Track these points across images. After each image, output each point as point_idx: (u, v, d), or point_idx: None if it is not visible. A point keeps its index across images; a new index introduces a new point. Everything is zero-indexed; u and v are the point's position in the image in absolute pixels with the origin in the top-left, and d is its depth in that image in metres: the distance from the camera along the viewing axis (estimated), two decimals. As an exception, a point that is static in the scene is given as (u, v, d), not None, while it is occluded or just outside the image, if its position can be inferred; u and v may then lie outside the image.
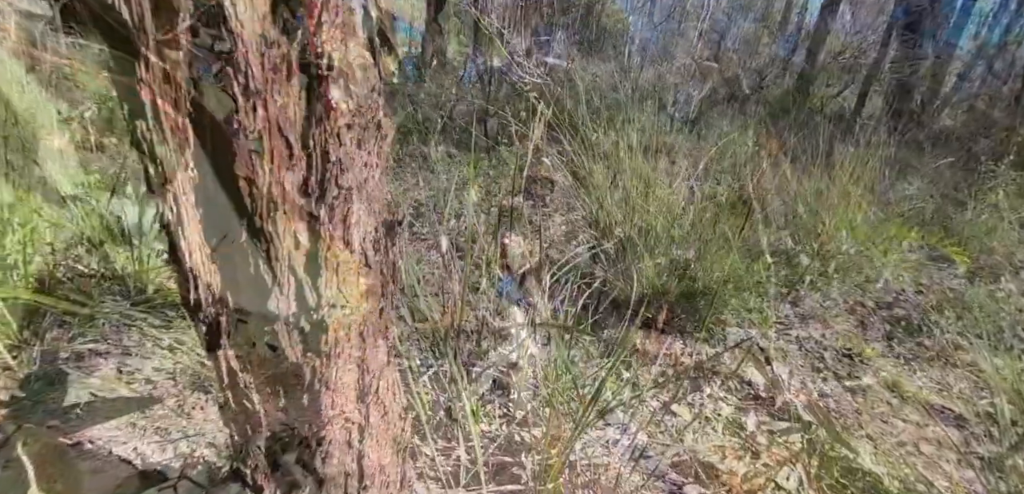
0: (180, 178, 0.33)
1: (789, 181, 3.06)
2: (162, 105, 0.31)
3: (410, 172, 3.00)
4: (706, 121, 5.35)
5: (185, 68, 0.30)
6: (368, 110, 0.36)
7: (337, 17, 0.31)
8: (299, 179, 0.35)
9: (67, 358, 1.40)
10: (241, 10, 0.28)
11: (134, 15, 0.27)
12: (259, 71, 0.30)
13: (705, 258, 1.67)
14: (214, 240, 0.37)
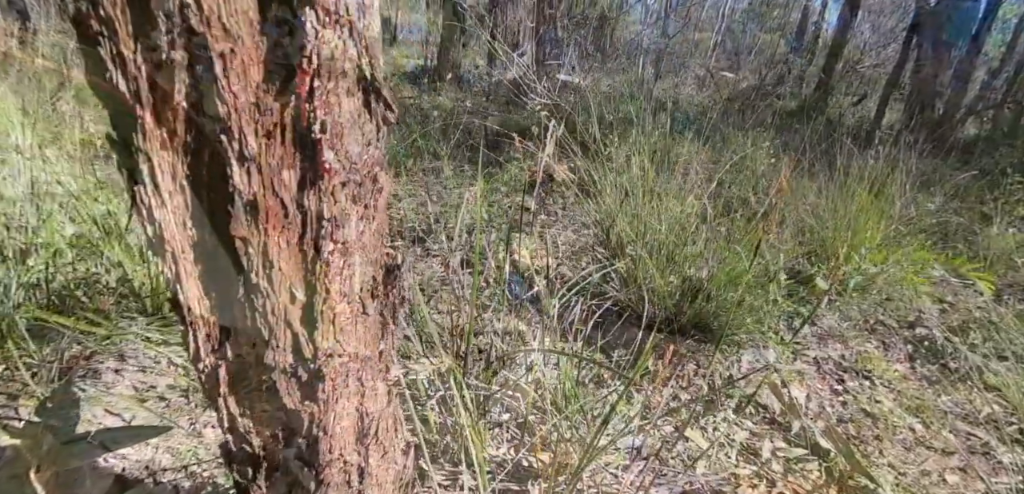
0: (179, 238, 0.34)
1: (806, 195, 3.01)
2: (160, 161, 0.31)
3: (422, 186, 3.02)
4: (721, 133, 5.30)
5: (183, 126, 0.30)
6: (364, 166, 0.36)
7: (329, 81, 0.31)
8: (294, 237, 0.35)
9: (84, 375, 1.44)
10: (234, 81, 0.28)
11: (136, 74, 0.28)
12: (253, 138, 0.30)
13: (718, 278, 1.64)
14: (213, 294, 0.37)
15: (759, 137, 4.99)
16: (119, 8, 0.26)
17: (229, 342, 0.40)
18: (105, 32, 0.26)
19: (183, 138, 0.30)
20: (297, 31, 0.30)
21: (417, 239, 2.41)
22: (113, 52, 0.27)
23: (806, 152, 3.93)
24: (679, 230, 1.86)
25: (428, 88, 6.50)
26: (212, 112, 0.29)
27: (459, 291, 1.47)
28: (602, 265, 1.80)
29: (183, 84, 0.28)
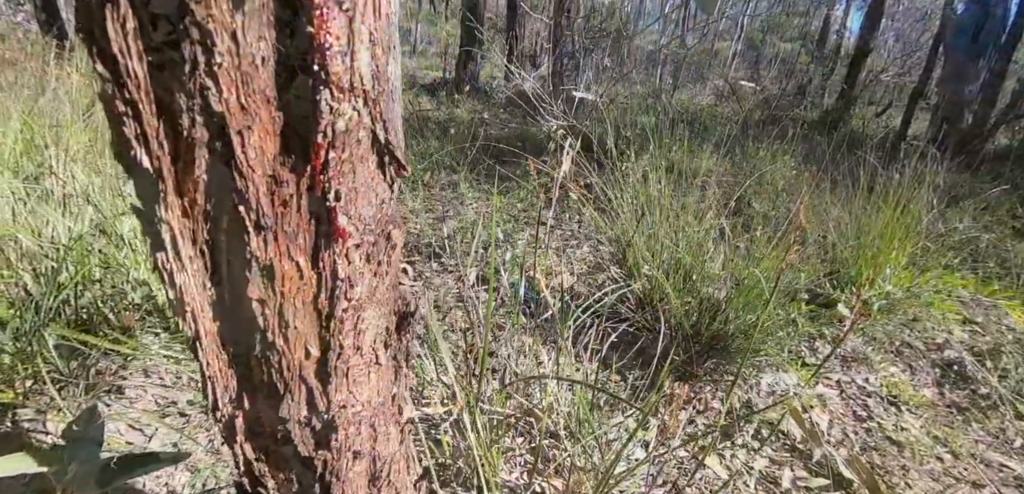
0: (198, 298, 0.34)
1: (829, 210, 2.94)
2: (181, 228, 0.32)
3: (440, 202, 3.04)
4: (740, 145, 5.22)
5: (203, 196, 0.31)
6: (377, 225, 0.37)
7: (344, 151, 0.31)
8: (309, 297, 0.36)
9: (109, 390, 1.47)
10: (252, 156, 0.29)
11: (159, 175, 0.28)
12: (269, 208, 0.31)
13: (737, 300, 1.61)
14: (230, 350, 0.38)
15: (780, 150, 4.90)
16: (143, 90, 0.27)
17: (245, 394, 0.40)
18: (130, 113, 0.27)
19: (203, 207, 0.31)
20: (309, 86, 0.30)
21: (433, 255, 2.42)
22: (137, 131, 0.28)
23: (828, 165, 3.85)
24: (697, 249, 1.84)
25: (446, 100, 6.57)
26: (230, 185, 0.30)
27: (474, 313, 1.47)
28: (618, 285, 1.78)
29: (203, 159, 0.29)
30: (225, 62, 0.26)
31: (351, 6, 0.28)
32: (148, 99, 0.27)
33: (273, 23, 0.27)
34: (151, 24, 0.26)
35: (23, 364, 1.34)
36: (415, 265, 2.37)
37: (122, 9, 0.25)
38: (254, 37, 0.27)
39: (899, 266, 2.01)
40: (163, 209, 0.30)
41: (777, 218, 3.11)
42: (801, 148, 5.17)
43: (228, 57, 0.26)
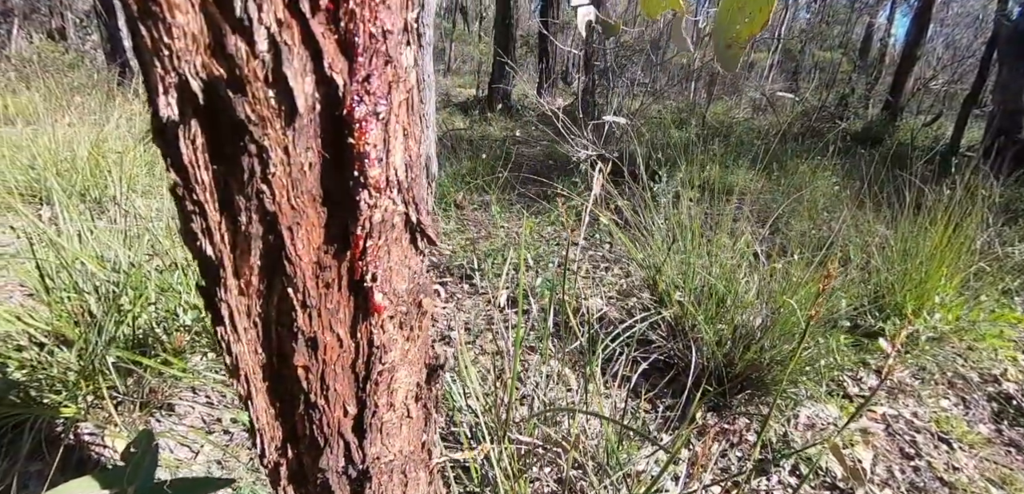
0: (250, 362, 0.38)
1: (873, 229, 2.83)
2: (237, 305, 0.36)
3: (472, 223, 3.10)
4: (778, 160, 5.06)
5: (257, 279, 0.35)
6: (410, 296, 0.40)
7: (380, 238, 0.35)
8: (347, 363, 0.39)
9: (160, 408, 1.57)
10: (300, 247, 0.32)
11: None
12: (314, 289, 0.34)
13: (773, 330, 1.58)
14: (277, 405, 0.42)
15: (820, 165, 4.74)
16: (208, 193, 0.31)
17: (289, 445, 0.44)
18: (197, 211, 0.31)
19: (257, 287, 0.35)
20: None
21: (466, 276, 2.47)
22: (203, 226, 0.32)
23: (872, 181, 3.70)
24: (730, 275, 1.81)
25: (478, 118, 6.68)
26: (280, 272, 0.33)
27: (504, 341, 1.49)
28: (648, 312, 1.77)
29: (258, 249, 0.33)
30: (278, 171, 0.30)
31: (387, 113, 0.31)
32: (213, 200, 0.31)
33: (319, 133, 0.31)
34: (216, 141, 0.30)
35: (85, 381, 1.44)
36: (447, 286, 2.41)
37: (193, 130, 0.29)
38: (303, 148, 0.30)
39: (949, 294, 1.91)
40: (223, 290, 0.34)
41: (817, 239, 3.01)
42: (843, 162, 4.97)
43: (281, 167, 0.30)
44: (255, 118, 0.28)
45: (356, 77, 0.29)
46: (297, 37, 0.27)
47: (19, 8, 9.03)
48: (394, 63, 0.31)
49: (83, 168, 3.02)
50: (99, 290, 1.59)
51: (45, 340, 1.49)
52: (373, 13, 0.28)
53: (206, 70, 0.27)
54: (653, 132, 5.33)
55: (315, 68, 0.28)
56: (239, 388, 0.39)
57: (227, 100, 0.27)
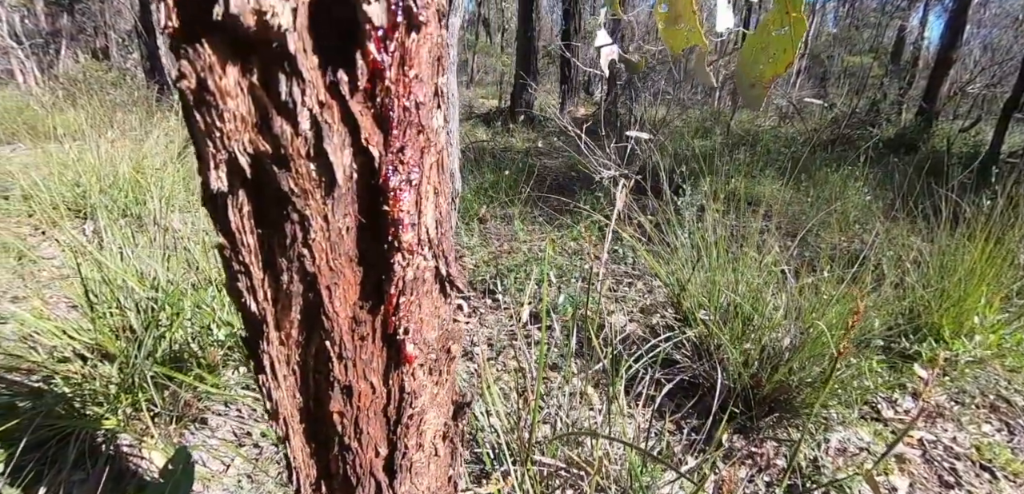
0: (289, 406, 0.40)
1: (908, 242, 2.74)
2: (278, 355, 0.38)
3: (495, 237, 3.12)
4: (807, 169, 4.93)
5: (297, 331, 0.37)
6: (439, 343, 0.41)
7: (412, 294, 0.36)
8: (379, 408, 0.41)
9: (194, 420, 1.62)
10: (337, 305, 0.34)
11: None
12: (350, 342, 0.36)
13: (802, 351, 1.54)
14: (313, 445, 0.44)
15: (851, 173, 4.61)
16: (253, 256, 0.33)
17: (324, 482, 0.46)
18: (243, 271, 0.33)
19: (296, 338, 0.37)
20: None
21: (488, 290, 2.48)
22: (248, 285, 0.34)
23: (907, 191, 3.58)
24: (756, 293, 1.77)
25: (501, 130, 6.73)
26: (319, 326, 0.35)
27: (525, 360, 1.49)
28: (672, 331, 1.75)
29: (298, 305, 0.35)
30: (318, 237, 0.32)
31: (419, 178, 0.33)
32: (257, 261, 0.33)
33: (355, 200, 0.32)
34: (261, 207, 0.32)
35: (125, 394, 1.50)
36: (470, 301, 2.44)
37: (240, 199, 0.31)
38: (341, 214, 0.32)
39: (990, 315, 1.83)
40: (265, 343, 0.36)
41: (848, 253, 2.92)
42: (875, 171, 4.81)
43: (320, 233, 0.31)
44: (298, 190, 0.29)
45: (391, 148, 0.31)
46: (337, 115, 0.29)
47: (67, 29, 9.53)
48: (426, 131, 0.33)
49: (124, 185, 3.16)
50: (139, 306, 1.66)
51: (88, 354, 1.56)
52: (407, 88, 0.30)
53: (253, 145, 0.29)
54: (676, 143, 5.27)
55: (353, 141, 0.30)
56: (278, 429, 0.41)
57: (272, 174, 0.29)
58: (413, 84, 0.30)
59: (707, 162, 4.76)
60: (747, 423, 1.59)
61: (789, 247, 2.33)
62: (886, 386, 1.76)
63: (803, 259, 2.60)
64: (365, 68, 0.28)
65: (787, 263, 1.87)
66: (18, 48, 7.89)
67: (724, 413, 1.53)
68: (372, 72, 0.28)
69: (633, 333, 2.09)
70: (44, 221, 2.96)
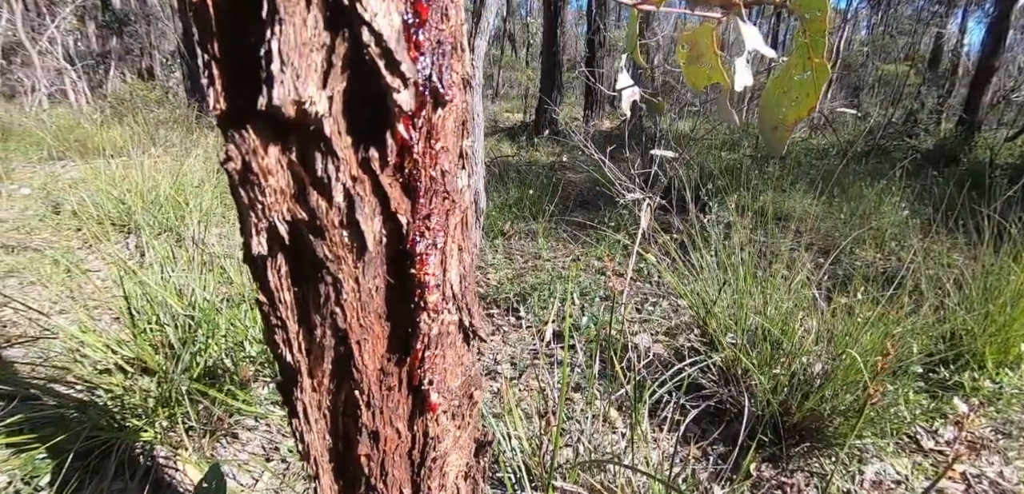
0: (319, 447, 0.42)
1: (949, 260, 2.63)
2: (310, 401, 0.40)
3: (519, 254, 3.13)
4: (839, 183, 4.78)
5: (328, 379, 0.39)
6: (462, 389, 0.43)
7: (437, 348, 0.38)
8: (404, 451, 0.42)
9: (225, 435, 1.67)
10: (366, 358, 0.36)
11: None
12: (377, 392, 0.38)
13: (835, 379, 1.50)
14: (341, 483, 0.46)
15: (887, 187, 4.45)
16: (289, 311, 0.35)
17: (351, 520, 0.47)
18: (279, 325, 0.36)
19: (327, 386, 0.39)
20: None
21: (511, 309, 2.50)
22: (284, 338, 0.36)
23: (947, 206, 3.43)
24: (786, 317, 1.73)
25: (525, 144, 6.77)
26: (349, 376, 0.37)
27: (548, 380, 1.49)
28: (698, 354, 1.73)
29: (330, 357, 0.37)
30: (349, 297, 0.33)
31: (444, 238, 0.35)
32: (293, 317, 0.35)
33: (384, 262, 0.34)
34: (297, 267, 0.34)
35: (162, 407, 1.56)
36: (493, 318, 2.45)
37: (278, 261, 0.33)
38: (371, 277, 0.34)
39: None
40: (299, 390, 0.38)
41: (884, 272, 2.81)
42: (912, 185, 4.63)
43: (352, 293, 0.33)
44: (331, 256, 0.31)
45: (418, 215, 0.33)
46: (368, 188, 0.31)
47: (116, 50, 10.06)
48: (451, 194, 0.34)
49: (165, 202, 3.30)
50: (177, 322, 1.73)
51: (129, 368, 1.64)
52: (434, 159, 0.32)
53: (291, 213, 0.31)
54: (702, 155, 5.20)
55: (383, 210, 0.32)
56: (308, 468, 0.43)
57: (308, 242, 0.31)
58: (440, 154, 0.32)
59: (734, 176, 4.67)
60: (776, 452, 1.55)
61: (821, 266, 2.27)
62: (925, 416, 1.69)
63: (836, 278, 2.52)
64: (395, 146, 0.30)
65: (819, 284, 1.82)
66: (71, 69, 8.36)
67: (752, 441, 1.50)
68: (401, 148, 0.30)
69: (658, 356, 2.07)
70: (91, 236, 3.11)
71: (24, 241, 3.07)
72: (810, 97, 0.50)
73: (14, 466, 1.34)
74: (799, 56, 0.50)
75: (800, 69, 0.50)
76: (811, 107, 0.50)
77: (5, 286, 2.54)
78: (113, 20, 9.61)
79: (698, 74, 0.63)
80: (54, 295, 2.40)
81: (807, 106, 0.51)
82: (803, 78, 0.50)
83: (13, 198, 3.88)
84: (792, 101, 0.52)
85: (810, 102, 0.51)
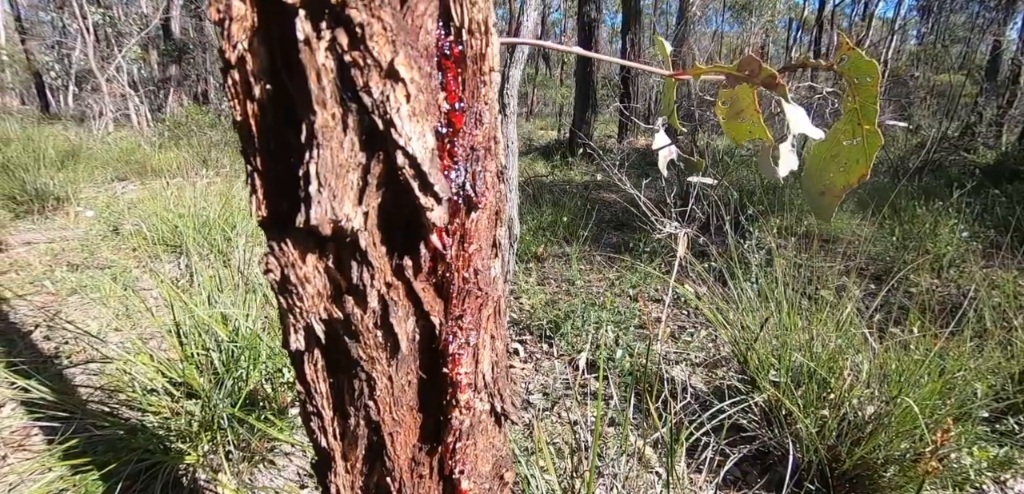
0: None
1: (1016, 290, 2.45)
2: (343, 483, 0.40)
3: (553, 278, 3.11)
4: (891, 202, 4.53)
5: (361, 464, 0.39)
6: (493, 471, 0.42)
7: (468, 440, 0.37)
8: (436, 534, 0.42)
9: (261, 460, 1.71)
10: (399, 448, 0.36)
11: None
12: (408, 480, 0.38)
13: (890, 425, 1.40)
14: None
15: (943, 207, 4.20)
16: (325, 402, 0.36)
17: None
18: (315, 414, 0.36)
19: (360, 469, 0.39)
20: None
21: (544, 336, 2.47)
22: (320, 426, 0.36)
23: (1012, 227, 3.20)
24: (834, 355, 1.65)
25: (560, 163, 6.76)
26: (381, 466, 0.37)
27: (582, 427, 1.46)
28: (738, 393, 1.66)
29: (363, 446, 0.37)
30: (382, 393, 0.34)
31: (476, 336, 0.34)
32: (328, 406, 0.36)
33: (417, 358, 0.34)
34: (333, 361, 0.34)
35: (204, 432, 1.62)
36: (526, 345, 2.44)
37: (315, 356, 0.33)
38: (404, 374, 0.34)
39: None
40: (333, 474, 0.38)
41: (944, 302, 2.64)
42: (972, 204, 4.33)
43: (385, 389, 0.34)
44: (366, 357, 0.32)
45: (451, 315, 0.32)
46: (402, 293, 0.31)
47: (175, 76, 10.72)
48: (484, 291, 0.34)
49: (214, 223, 3.47)
50: (222, 347, 1.80)
51: (175, 391, 1.71)
52: (466, 262, 0.32)
53: (327, 313, 0.32)
54: (738, 170, 5.05)
55: (416, 311, 0.32)
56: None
57: (344, 342, 0.31)
58: (473, 256, 0.32)
59: (776, 195, 4.50)
60: (825, 501, 1.47)
61: (871, 293, 2.15)
62: (993, 466, 1.56)
63: (889, 308, 2.38)
64: (428, 256, 0.30)
65: (871, 318, 1.72)
66: (135, 95, 8.95)
67: (799, 490, 1.42)
68: (434, 255, 0.30)
69: (695, 389, 2.00)
70: (146, 255, 3.30)
71: (87, 261, 3.28)
72: (861, 164, 0.48)
73: (70, 486, 1.42)
74: (848, 121, 0.47)
75: (849, 135, 0.48)
76: (862, 175, 0.48)
77: (70, 303, 2.71)
78: (173, 48, 10.26)
79: (739, 129, 0.61)
80: (112, 312, 2.54)
81: (857, 174, 0.48)
82: (853, 144, 0.48)
83: (79, 219, 4.16)
84: (840, 166, 0.49)
85: (861, 170, 0.48)
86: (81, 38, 8.69)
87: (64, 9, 9.87)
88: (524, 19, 1.83)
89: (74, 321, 2.50)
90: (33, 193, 4.17)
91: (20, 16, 12.95)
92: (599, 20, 7.25)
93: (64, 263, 3.21)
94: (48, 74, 11.07)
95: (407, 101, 0.25)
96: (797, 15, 14.78)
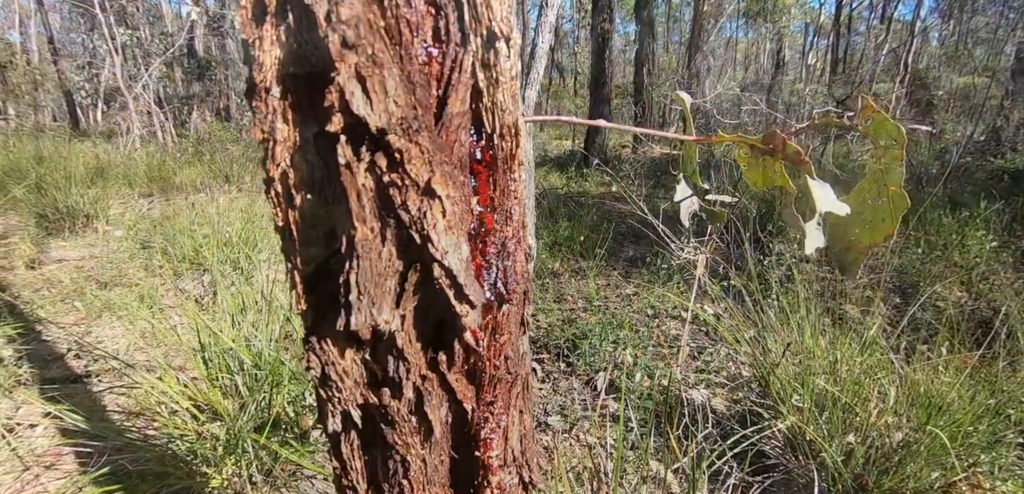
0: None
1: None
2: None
3: (570, 295, 3.11)
4: (914, 208, 4.41)
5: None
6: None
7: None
8: None
9: (285, 484, 1.73)
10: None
11: None
12: (440, 554, 0.39)
13: (919, 454, 1.37)
14: None
15: (970, 215, 4.09)
16: (359, 476, 0.37)
17: None
18: (350, 487, 0.37)
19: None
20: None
21: (561, 355, 2.47)
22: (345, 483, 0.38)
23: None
24: (860, 378, 1.61)
25: (575, 174, 6.76)
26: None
27: (602, 452, 1.45)
28: (759, 418, 1.64)
29: None
30: (416, 474, 0.35)
31: (507, 419, 0.35)
32: (363, 480, 0.37)
33: (450, 439, 0.35)
34: (368, 439, 0.35)
35: (228, 455, 1.65)
36: (544, 364, 2.43)
37: (351, 437, 0.35)
38: (437, 454, 0.35)
39: None
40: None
41: (973, 317, 2.56)
42: (1001, 212, 4.19)
43: (419, 470, 0.35)
44: (400, 442, 0.33)
45: (483, 401, 0.33)
46: (436, 384, 0.32)
47: (198, 93, 11.01)
48: (514, 374, 0.35)
49: (237, 241, 3.55)
50: (245, 369, 1.84)
51: (199, 413, 1.74)
52: (498, 351, 0.33)
53: (363, 398, 0.33)
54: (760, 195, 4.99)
55: (449, 399, 0.33)
56: None
57: (380, 428, 0.33)
58: (504, 346, 0.33)
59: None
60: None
61: (897, 307, 2.11)
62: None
63: (915, 324, 2.32)
64: (462, 352, 0.31)
65: (897, 337, 1.68)
66: (160, 111, 9.21)
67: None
68: (466, 349, 0.31)
69: (716, 411, 1.97)
70: (171, 272, 3.38)
71: (115, 279, 3.37)
72: (887, 224, 0.48)
73: (102, 509, 1.45)
74: (873, 182, 0.47)
75: (874, 195, 0.48)
76: (888, 235, 0.48)
77: (99, 322, 2.79)
78: (196, 66, 10.55)
79: (760, 176, 0.61)
80: (140, 331, 2.60)
81: (883, 233, 0.48)
82: (878, 204, 0.47)
83: (108, 237, 4.29)
84: (865, 223, 0.49)
85: (887, 229, 0.48)
86: (110, 58, 8.98)
87: (94, 30, 10.24)
88: (538, 40, 1.85)
89: (103, 340, 2.57)
90: (65, 211, 4.31)
91: (52, 38, 13.45)
92: (612, 31, 7.26)
93: (93, 282, 3.30)
94: (78, 93, 11.46)
95: (443, 217, 0.26)
96: (813, 19, 14.58)
